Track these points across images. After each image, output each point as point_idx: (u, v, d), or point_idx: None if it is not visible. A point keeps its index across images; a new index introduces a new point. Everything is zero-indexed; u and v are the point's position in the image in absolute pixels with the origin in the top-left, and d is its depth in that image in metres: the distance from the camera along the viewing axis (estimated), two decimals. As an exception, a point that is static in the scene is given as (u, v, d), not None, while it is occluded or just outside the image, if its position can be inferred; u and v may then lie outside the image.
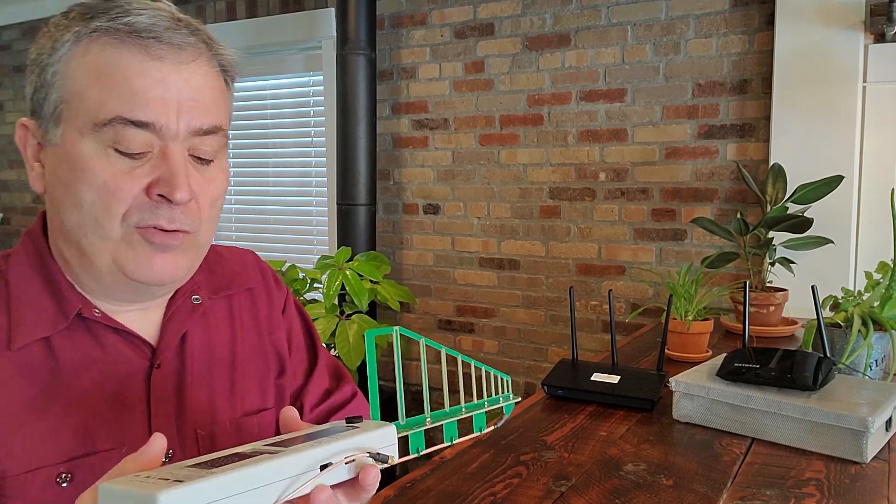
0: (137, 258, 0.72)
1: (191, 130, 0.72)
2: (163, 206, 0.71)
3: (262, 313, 0.92)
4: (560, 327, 2.56)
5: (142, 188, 0.70)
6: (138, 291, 0.77)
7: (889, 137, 2.02)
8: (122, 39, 0.70)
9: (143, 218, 0.71)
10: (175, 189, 0.70)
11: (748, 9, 2.18)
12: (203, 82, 0.74)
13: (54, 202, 0.73)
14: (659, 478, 0.94)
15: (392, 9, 2.78)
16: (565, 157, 2.50)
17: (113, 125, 0.69)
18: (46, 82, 0.71)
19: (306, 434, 0.58)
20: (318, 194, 3.09)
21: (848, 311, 1.30)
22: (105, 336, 0.76)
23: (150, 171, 0.71)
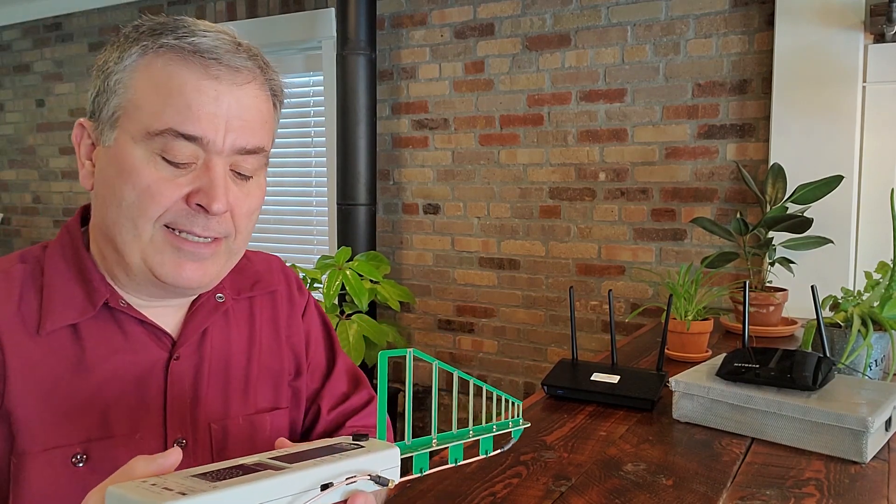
0: (165, 262, 0.77)
1: (235, 148, 0.77)
2: (199, 214, 0.76)
3: (282, 316, 0.96)
4: (560, 327, 2.56)
5: (182, 195, 0.75)
6: (166, 290, 0.81)
7: (889, 137, 2.02)
8: (185, 57, 0.75)
9: (178, 222, 0.76)
10: (213, 200, 0.75)
11: (748, 9, 2.18)
12: (253, 104, 0.79)
13: (99, 199, 0.78)
14: (659, 478, 0.94)
15: (392, 9, 2.78)
16: (565, 157, 2.50)
17: (164, 136, 0.74)
18: (109, 88, 0.76)
19: (311, 450, 0.59)
20: (318, 194, 3.09)
21: (848, 311, 1.30)
22: (129, 326, 0.81)
23: (191, 181, 0.75)
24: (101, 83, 0.77)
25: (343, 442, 0.62)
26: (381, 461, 0.59)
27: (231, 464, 0.54)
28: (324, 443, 0.62)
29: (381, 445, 0.61)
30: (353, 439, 0.62)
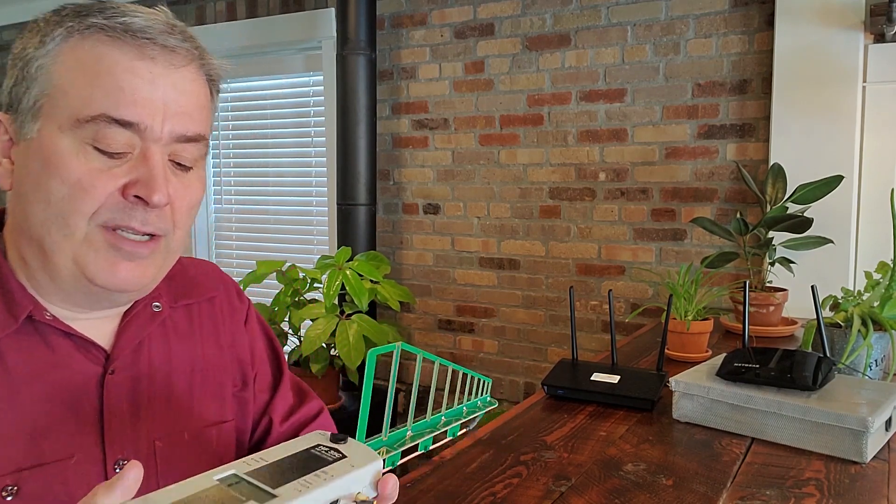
0: (99, 262, 0.70)
1: (174, 136, 0.71)
2: (137, 207, 0.69)
3: (223, 324, 0.90)
4: (560, 327, 2.56)
5: (117, 188, 0.69)
6: (98, 297, 0.74)
7: (889, 137, 2.02)
8: (115, 38, 0.69)
9: (114, 217, 0.69)
10: (153, 191, 0.69)
11: (748, 9, 2.18)
12: (191, 88, 0.73)
13: (20, 198, 0.71)
14: (659, 478, 0.94)
15: (392, 9, 2.78)
16: (565, 157, 2.50)
17: (96, 122, 0.67)
18: (29, 76, 0.69)
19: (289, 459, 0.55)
20: (318, 194, 3.09)
21: (848, 311, 1.30)
22: (56, 341, 0.73)
23: (127, 172, 0.69)
24: (18, 72, 0.70)
25: (320, 445, 0.58)
26: (364, 476, 0.56)
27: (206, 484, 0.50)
28: (299, 446, 0.58)
29: (363, 454, 0.57)
30: (332, 439, 0.59)
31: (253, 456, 0.55)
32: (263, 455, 0.55)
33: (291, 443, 0.58)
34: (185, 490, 0.49)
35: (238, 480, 0.51)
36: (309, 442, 0.58)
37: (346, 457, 0.56)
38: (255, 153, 3.26)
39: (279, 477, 0.52)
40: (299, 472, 0.53)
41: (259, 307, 2.49)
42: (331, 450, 0.57)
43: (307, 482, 0.52)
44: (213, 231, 3.39)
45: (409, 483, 0.92)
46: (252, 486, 0.50)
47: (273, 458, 0.55)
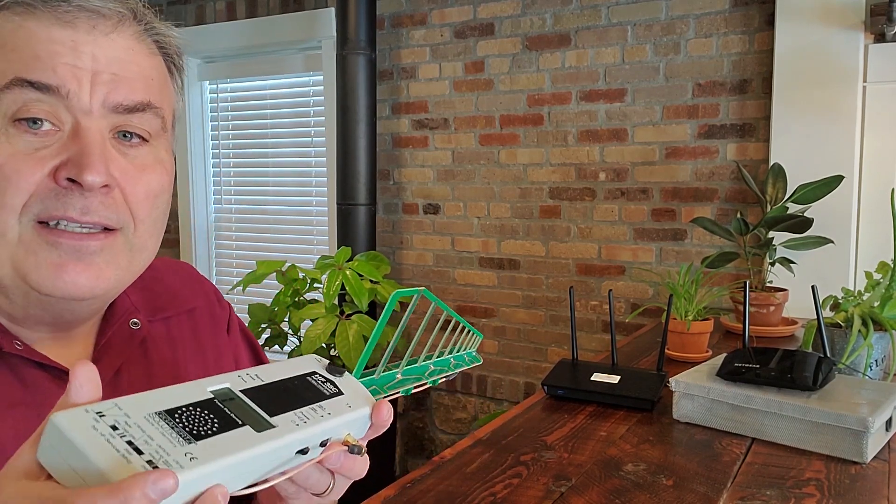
0: (41, 266, 0.59)
1: (109, 105, 0.61)
2: (73, 193, 0.59)
3: (204, 335, 0.82)
4: (560, 327, 2.56)
5: (47, 172, 0.58)
6: (52, 310, 0.63)
7: (889, 137, 2.02)
8: (29, 9, 0.59)
9: (47, 207, 0.58)
10: (85, 168, 0.58)
11: (748, 9, 2.18)
12: (127, 56, 0.63)
13: None
14: (659, 478, 0.94)
15: (392, 9, 2.78)
16: (565, 157, 2.50)
17: (10, 90, 0.57)
18: None
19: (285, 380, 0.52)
20: (318, 194, 3.09)
21: (848, 311, 1.30)
22: (27, 373, 0.63)
23: (57, 152, 0.59)
24: None
25: (317, 374, 0.55)
26: (358, 419, 0.54)
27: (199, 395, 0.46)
28: (295, 369, 0.54)
29: (359, 395, 0.55)
30: (328, 370, 0.56)
31: (247, 371, 0.51)
32: (259, 372, 0.52)
33: (287, 363, 0.55)
34: (175, 397, 0.45)
35: (232, 397, 0.48)
36: (305, 367, 0.55)
37: (343, 394, 0.54)
38: (254, 153, 3.26)
39: (275, 403, 0.49)
40: (296, 401, 0.50)
41: (259, 307, 2.49)
42: (327, 381, 0.55)
43: (304, 416, 0.49)
44: (213, 231, 3.39)
45: (409, 483, 0.92)
46: (247, 408, 0.47)
47: (268, 377, 0.52)
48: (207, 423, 0.44)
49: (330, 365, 0.57)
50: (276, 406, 0.49)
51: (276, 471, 0.47)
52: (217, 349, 0.84)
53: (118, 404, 0.42)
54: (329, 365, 0.57)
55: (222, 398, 0.47)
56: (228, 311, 0.89)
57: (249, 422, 0.46)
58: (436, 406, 2.84)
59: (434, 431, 2.85)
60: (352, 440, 0.52)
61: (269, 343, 2.49)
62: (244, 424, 0.46)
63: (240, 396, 0.48)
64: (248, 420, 0.46)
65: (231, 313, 0.89)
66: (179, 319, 0.80)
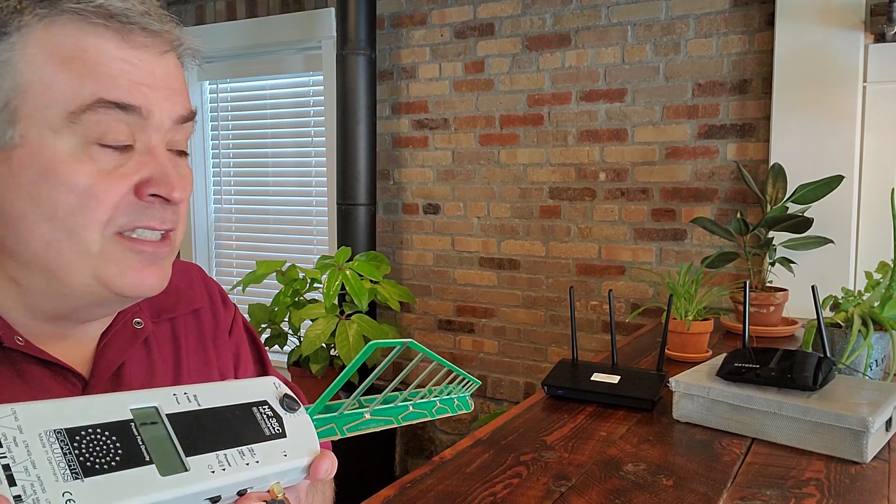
0: (125, 271, 0.63)
1: (175, 118, 0.66)
2: (154, 206, 0.64)
3: (207, 336, 0.83)
4: (560, 327, 2.56)
5: (129, 188, 0.62)
6: (112, 306, 0.68)
7: (889, 137, 2.02)
8: (93, 24, 0.61)
9: (132, 220, 0.63)
10: (174, 187, 0.63)
11: (748, 9, 2.18)
12: (175, 72, 0.68)
13: (8, 218, 0.61)
14: (659, 478, 0.94)
15: (392, 9, 2.78)
16: (565, 157, 2.50)
17: (95, 111, 0.59)
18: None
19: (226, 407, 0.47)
20: (318, 194, 3.09)
21: (848, 311, 1.30)
22: (28, 369, 0.64)
23: (137, 169, 0.62)
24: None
25: (266, 405, 0.50)
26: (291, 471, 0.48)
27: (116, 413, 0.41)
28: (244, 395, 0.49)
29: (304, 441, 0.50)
30: (281, 402, 0.51)
31: (188, 389, 0.47)
32: (200, 393, 0.47)
33: (240, 385, 0.51)
34: (87, 412, 0.40)
35: (155, 420, 0.43)
36: (257, 393, 0.50)
37: (285, 437, 0.49)
38: (255, 153, 3.26)
39: (200, 437, 0.44)
40: (225, 439, 0.45)
41: (259, 307, 2.49)
42: (273, 417, 0.49)
43: (227, 460, 0.44)
44: (213, 231, 3.39)
45: (410, 483, 0.92)
46: (164, 440, 0.42)
47: (208, 401, 0.47)
48: (109, 453, 0.39)
49: (285, 396, 0.52)
50: (200, 442, 0.44)
51: None
52: (217, 350, 0.85)
53: (16, 412, 0.37)
54: (284, 395, 0.52)
55: (142, 420, 0.42)
56: (233, 312, 0.90)
57: (158, 460, 0.41)
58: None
59: (434, 431, 2.85)
60: (277, 492, 0.47)
61: (269, 343, 2.49)
62: (150, 462, 0.40)
63: (163, 421, 0.43)
64: (157, 457, 0.41)
65: (236, 314, 0.90)
66: (185, 320, 0.81)
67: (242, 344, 0.90)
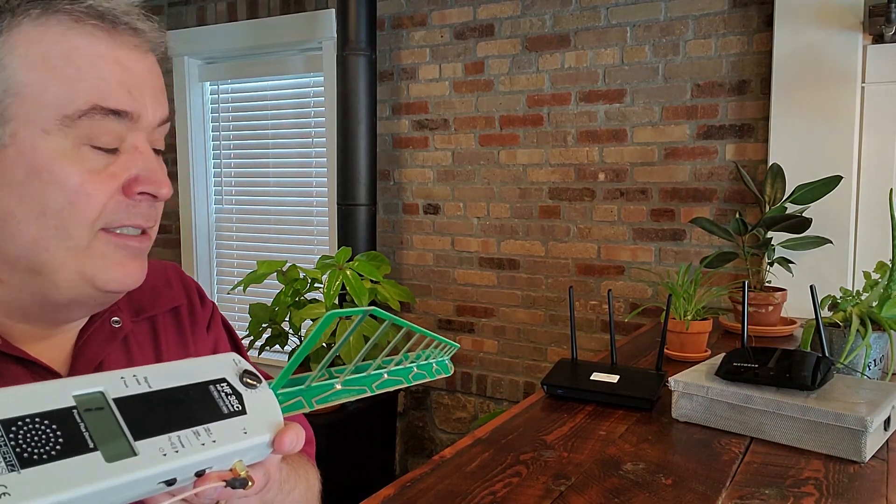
0: (109, 266, 0.65)
1: (158, 119, 0.67)
2: (141, 204, 0.65)
3: (187, 333, 0.84)
4: (559, 327, 2.56)
5: (118, 187, 0.63)
6: (92, 306, 0.69)
7: (887, 138, 2.02)
8: (82, 23, 0.62)
9: (119, 218, 0.64)
10: (161, 185, 0.65)
11: (747, 10, 2.19)
12: (157, 70, 0.69)
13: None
14: (658, 477, 0.94)
15: (392, 10, 2.78)
16: (565, 157, 2.50)
17: (90, 116, 0.61)
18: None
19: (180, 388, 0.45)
20: (318, 194, 3.09)
21: (846, 310, 1.30)
22: (7, 368, 0.65)
23: (124, 168, 0.64)
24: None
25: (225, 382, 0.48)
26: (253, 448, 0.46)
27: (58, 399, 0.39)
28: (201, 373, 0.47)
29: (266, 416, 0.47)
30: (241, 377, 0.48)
31: (138, 371, 0.45)
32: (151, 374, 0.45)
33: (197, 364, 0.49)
34: (27, 401, 0.38)
35: (101, 405, 0.41)
36: (214, 371, 0.48)
37: (245, 413, 0.47)
38: (255, 154, 3.26)
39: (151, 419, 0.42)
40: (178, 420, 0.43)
41: (259, 307, 2.49)
42: (232, 394, 0.47)
43: (180, 441, 0.42)
44: (214, 231, 3.39)
45: (409, 482, 0.93)
46: (111, 425, 0.40)
47: (160, 382, 0.45)
48: (49, 442, 0.37)
49: (245, 372, 0.50)
50: (150, 425, 0.41)
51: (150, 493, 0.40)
52: (197, 346, 0.85)
53: None
54: (244, 372, 0.50)
55: (86, 406, 0.40)
56: (211, 308, 0.90)
57: (103, 446, 0.39)
58: (436, 405, 2.85)
59: (434, 431, 2.86)
60: (239, 470, 0.45)
61: (270, 343, 2.50)
62: (94, 449, 0.38)
63: (110, 406, 0.41)
64: (102, 443, 0.39)
65: (214, 310, 0.90)
66: (164, 318, 0.82)
67: (221, 339, 0.90)
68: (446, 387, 2.81)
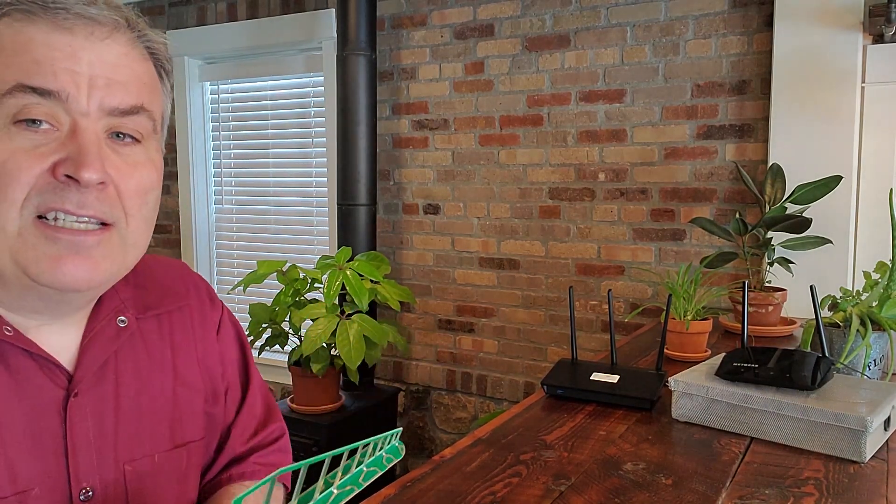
0: (40, 259, 0.63)
1: (105, 109, 0.65)
2: (70, 188, 0.63)
3: (195, 334, 0.84)
4: (560, 327, 2.56)
5: (46, 168, 0.62)
6: (50, 299, 0.68)
7: (887, 138, 2.02)
8: (28, 14, 0.63)
9: (46, 201, 0.62)
10: (82, 167, 0.62)
11: (747, 10, 2.19)
12: (121, 61, 0.66)
13: None
14: (658, 477, 0.94)
15: (392, 10, 2.78)
16: (565, 157, 2.50)
17: (13, 95, 0.61)
18: None
19: None
20: (318, 194, 3.09)
21: (846, 310, 1.30)
22: (15, 360, 0.66)
23: (56, 150, 0.63)
24: None
25: None
26: None
27: None
28: None
29: None
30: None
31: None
32: None
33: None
34: None
35: None
36: None
37: None
38: (255, 154, 3.26)
39: None
40: None
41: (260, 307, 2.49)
42: None
43: None
44: (214, 231, 3.39)
45: (410, 482, 0.93)
46: None
47: None
48: None
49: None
50: None
51: None
52: (205, 347, 0.86)
53: None
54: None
55: None
56: (221, 311, 0.90)
57: None
58: (436, 405, 2.85)
59: (434, 431, 2.86)
60: None
61: (270, 343, 2.50)
62: None
63: None
64: None
65: (223, 312, 0.91)
66: (171, 316, 0.82)
67: (229, 346, 0.91)
68: (446, 387, 2.81)
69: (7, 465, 0.65)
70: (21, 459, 0.66)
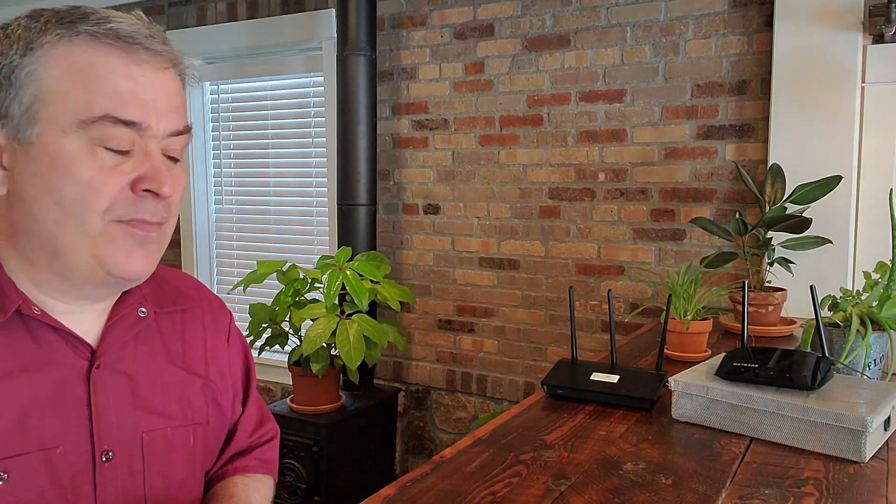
0: (117, 252, 0.75)
1: (168, 132, 0.77)
2: (147, 200, 0.75)
3: (207, 333, 0.95)
4: (560, 327, 2.56)
5: (126, 184, 0.74)
6: (108, 288, 0.80)
7: (887, 138, 2.02)
8: (105, 43, 0.73)
9: (128, 212, 0.75)
10: (162, 184, 0.75)
11: (747, 10, 2.19)
12: (174, 88, 0.79)
13: (22, 202, 0.74)
14: (658, 477, 0.94)
15: (392, 10, 2.78)
16: (565, 157, 2.50)
17: (102, 123, 0.72)
18: (17, 82, 0.72)
19: None
20: (318, 194, 3.09)
21: (846, 310, 1.31)
22: (43, 335, 0.77)
23: (133, 168, 0.74)
24: (2, 79, 0.72)
25: None
26: None
27: None
28: None
29: None
30: None
31: None
32: None
33: None
34: None
35: None
36: None
37: None
38: (255, 154, 3.26)
39: None
40: None
41: (260, 307, 2.49)
42: None
43: None
44: (214, 231, 3.39)
45: (410, 482, 0.93)
46: None
47: None
48: None
49: None
50: None
51: None
52: (215, 346, 0.96)
53: None
54: None
55: None
56: (229, 320, 1.01)
57: None
58: (436, 405, 2.85)
59: (434, 431, 2.86)
60: None
61: (270, 343, 2.50)
62: None
63: None
64: None
65: (231, 323, 1.01)
66: (184, 315, 0.93)
67: (237, 357, 1.01)
68: (446, 387, 2.81)
69: (35, 425, 0.74)
70: (48, 420, 0.75)
